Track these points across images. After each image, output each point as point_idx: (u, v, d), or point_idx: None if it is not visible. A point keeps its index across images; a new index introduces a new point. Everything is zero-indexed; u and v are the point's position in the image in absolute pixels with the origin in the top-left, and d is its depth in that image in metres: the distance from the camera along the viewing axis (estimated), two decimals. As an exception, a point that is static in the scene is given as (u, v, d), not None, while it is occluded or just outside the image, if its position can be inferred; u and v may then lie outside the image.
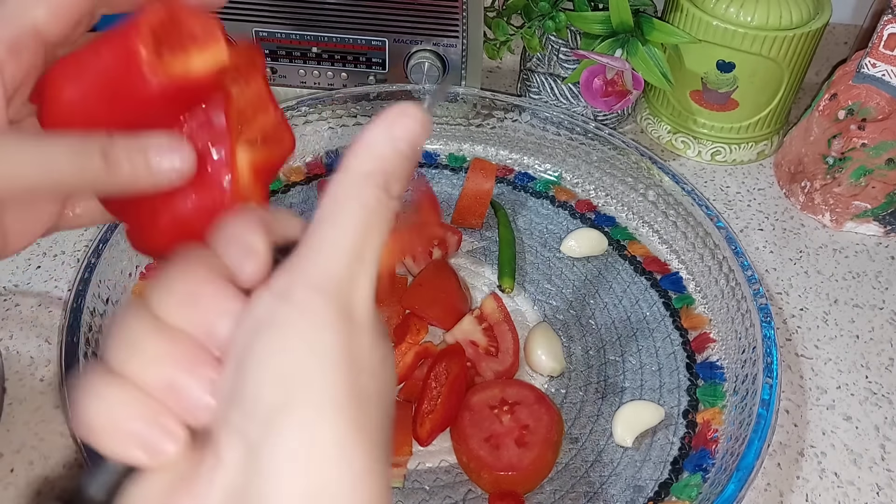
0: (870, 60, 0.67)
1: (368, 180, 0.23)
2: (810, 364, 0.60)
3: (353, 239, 0.22)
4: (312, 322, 0.21)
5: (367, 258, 0.22)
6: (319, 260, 0.22)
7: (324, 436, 0.20)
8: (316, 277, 0.21)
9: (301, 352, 0.20)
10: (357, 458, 0.20)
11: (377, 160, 0.23)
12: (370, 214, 0.22)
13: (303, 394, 0.20)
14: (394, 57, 0.72)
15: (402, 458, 0.49)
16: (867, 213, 0.70)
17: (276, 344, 0.21)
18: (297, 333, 0.21)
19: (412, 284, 0.60)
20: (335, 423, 0.20)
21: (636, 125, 0.83)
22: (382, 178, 0.23)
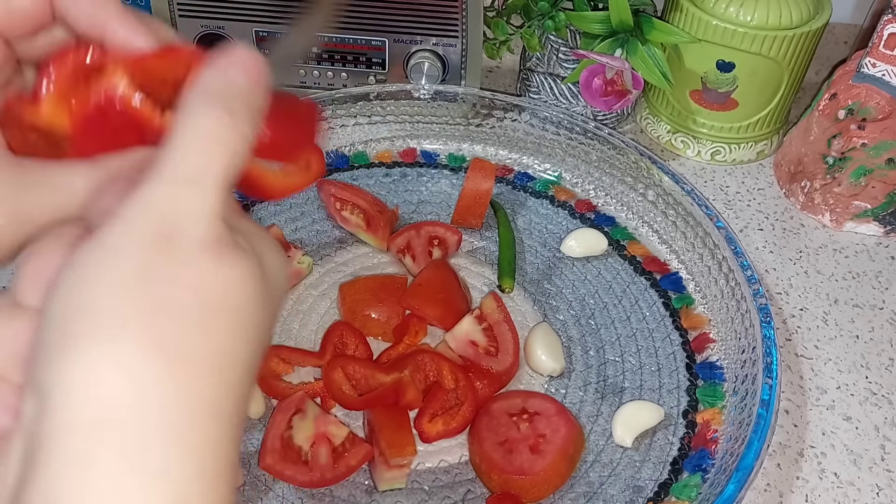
0: (870, 60, 0.67)
1: (199, 104, 0.22)
2: (810, 364, 0.60)
3: (179, 161, 0.21)
4: (107, 251, 0.20)
5: (204, 178, 0.21)
6: (134, 194, 0.21)
7: (105, 360, 0.19)
8: (123, 212, 0.21)
9: (87, 278, 0.20)
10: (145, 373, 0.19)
11: (210, 79, 0.23)
12: (203, 136, 0.22)
13: (84, 321, 0.19)
14: (394, 57, 0.72)
15: (406, 458, 0.48)
16: (867, 213, 0.70)
17: (60, 283, 0.20)
18: (86, 264, 0.20)
19: (412, 284, 0.60)
20: (119, 341, 0.19)
21: (636, 125, 0.83)
22: (217, 100, 0.22)
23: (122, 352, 0.19)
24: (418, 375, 0.53)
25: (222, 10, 0.70)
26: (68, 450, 0.18)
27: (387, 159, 0.74)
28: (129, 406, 0.19)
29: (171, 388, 0.19)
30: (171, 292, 0.20)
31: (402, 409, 0.52)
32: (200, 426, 0.20)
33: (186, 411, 0.20)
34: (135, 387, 0.19)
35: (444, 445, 0.52)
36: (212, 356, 0.20)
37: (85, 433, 0.18)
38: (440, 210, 0.70)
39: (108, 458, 0.18)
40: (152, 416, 0.19)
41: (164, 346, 0.19)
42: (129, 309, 0.19)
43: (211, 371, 0.20)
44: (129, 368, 0.19)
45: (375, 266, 0.65)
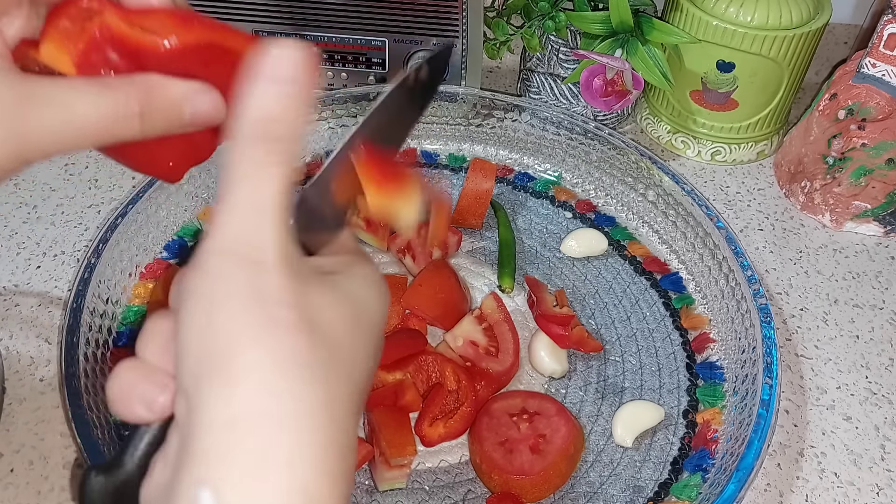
0: (870, 60, 0.67)
1: (247, 138, 0.24)
2: (810, 364, 0.60)
3: (244, 196, 0.24)
4: (214, 279, 0.23)
5: (266, 207, 0.24)
6: (218, 225, 0.24)
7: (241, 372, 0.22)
8: (216, 242, 0.24)
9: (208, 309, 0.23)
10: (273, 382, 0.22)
11: (250, 115, 0.24)
12: (257, 168, 0.24)
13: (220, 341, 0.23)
14: (394, 57, 0.72)
15: (406, 458, 0.48)
16: (867, 213, 0.70)
17: (190, 308, 0.23)
18: (204, 294, 0.23)
19: (412, 284, 0.60)
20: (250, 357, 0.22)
21: (636, 125, 0.83)
22: (260, 128, 0.24)
23: (250, 362, 0.22)
24: (420, 376, 0.53)
25: (222, 10, 0.70)
26: (211, 443, 0.22)
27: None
28: (261, 409, 0.22)
29: (289, 389, 0.22)
30: (278, 310, 0.23)
31: (403, 410, 0.52)
32: (321, 428, 0.23)
33: (304, 410, 0.22)
34: (261, 389, 0.22)
35: (445, 445, 0.52)
36: (317, 363, 0.23)
37: (225, 430, 0.22)
38: (440, 210, 0.70)
39: (243, 450, 0.21)
40: (276, 413, 0.22)
41: (282, 355, 0.22)
42: (252, 325, 0.23)
43: (320, 375, 0.23)
44: (255, 375, 0.22)
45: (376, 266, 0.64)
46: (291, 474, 0.22)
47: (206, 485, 0.21)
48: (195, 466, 0.22)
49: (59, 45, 0.27)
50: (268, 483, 0.21)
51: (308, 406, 0.23)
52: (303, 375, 0.23)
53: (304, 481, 0.22)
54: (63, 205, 0.69)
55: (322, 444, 0.23)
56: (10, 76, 0.25)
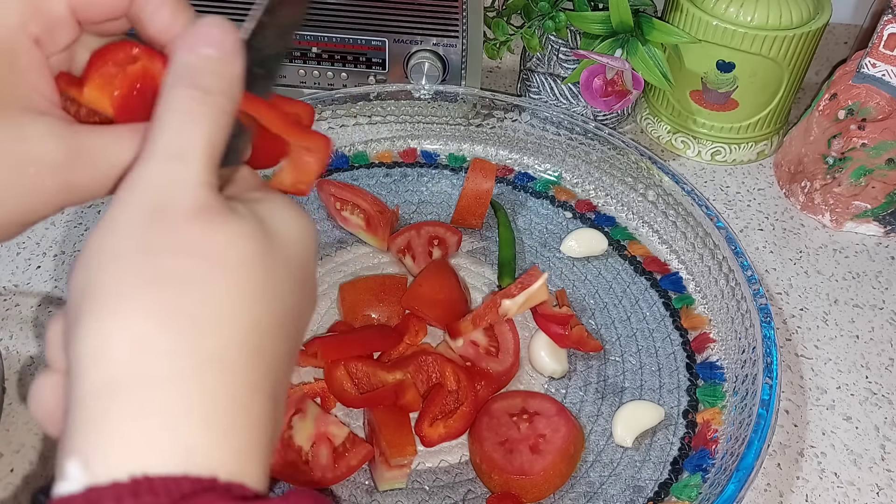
0: (870, 60, 0.67)
1: (174, 86, 0.24)
2: (810, 364, 0.60)
3: (162, 142, 0.23)
4: (106, 232, 0.22)
5: (186, 154, 0.23)
6: (129, 174, 0.23)
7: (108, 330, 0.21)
8: (121, 192, 0.23)
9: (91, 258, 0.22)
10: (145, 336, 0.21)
11: (176, 65, 0.25)
12: (179, 114, 0.24)
13: (89, 298, 0.22)
14: (394, 57, 0.72)
15: (406, 458, 0.48)
16: (867, 213, 0.70)
17: (77, 264, 0.23)
18: (91, 248, 0.22)
19: (412, 284, 0.60)
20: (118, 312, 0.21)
21: (636, 125, 0.83)
22: (185, 75, 0.24)
23: (122, 320, 0.21)
24: (421, 376, 0.53)
25: (222, 10, 0.70)
26: (86, 413, 0.20)
27: (387, 159, 0.74)
28: (131, 367, 0.21)
29: (170, 346, 0.21)
30: (165, 260, 0.22)
31: (403, 410, 0.52)
32: (204, 378, 0.21)
33: (188, 366, 0.21)
34: (135, 349, 0.21)
35: (445, 445, 0.52)
36: (210, 313, 0.22)
37: (97, 397, 0.20)
38: (440, 210, 0.70)
39: (118, 415, 0.20)
40: (154, 373, 0.21)
41: (161, 309, 0.21)
42: (127, 281, 0.21)
43: (211, 327, 0.22)
44: (129, 334, 0.21)
45: (376, 266, 0.65)
46: (169, 434, 0.20)
47: (75, 454, 0.20)
48: (66, 439, 0.21)
49: (101, 89, 0.27)
50: (140, 445, 0.20)
51: (193, 359, 0.21)
52: (184, 327, 0.21)
53: (186, 440, 0.20)
54: (63, 205, 0.69)
55: (210, 397, 0.21)
56: (61, 130, 0.26)
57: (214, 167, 0.24)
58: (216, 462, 0.21)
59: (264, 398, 0.23)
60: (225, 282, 0.22)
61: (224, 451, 0.21)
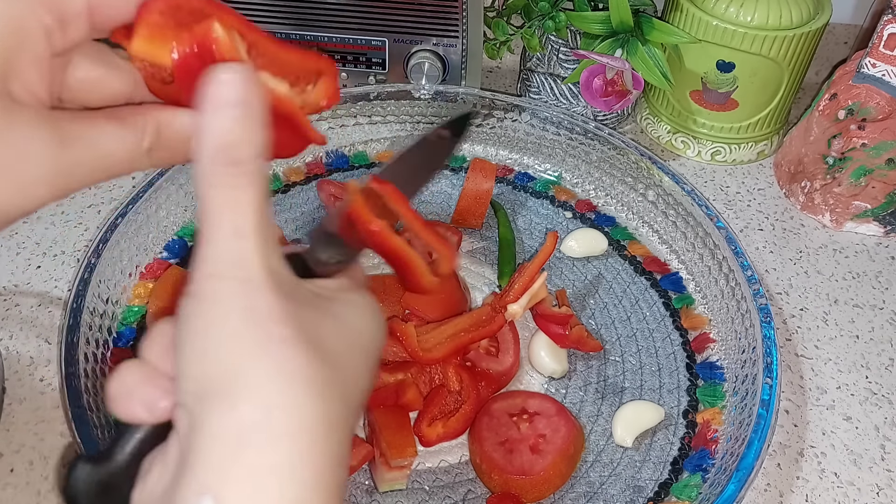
0: (870, 60, 0.67)
1: (209, 166, 0.25)
2: (810, 364, 0.60)
3: (223, 224, 0.25)
4: (208, 301, 0.24)
5: (245, 230, 0.25)
6: (205, 254, 0.25)
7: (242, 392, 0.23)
8: (206, 267, 0.25)
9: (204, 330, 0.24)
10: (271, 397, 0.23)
11: (208, 143, 0.25)
12: (227, 194, 0.25)
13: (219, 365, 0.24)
14: (394, 57, 0.72)
15: (406, 459, 0.48)
16: (867, 213, 0.70)
17: (187, 330, 0.24)
18: (199, 316, 0.24)
19: (412, 284, 0.60)
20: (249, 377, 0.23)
21: (636, 125, 0.83)
22: (220, 155, 0.25)
23: (255, 381, 0.23)
24: (423, 377, 0.53)
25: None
26: (214, 455, 0.23)
27: (387, 159, 0.74)
28: (261, 424, 0.23)
29: (295, 409, 0.23)
30: (274, 327, 0.24)
31: (403, 410, 0.52)
32: (318, 442, 0.24)
33: (307, 430, 0.23)
34: (266, 408, 0.23)
35: (445, 445, 0.52)
36: (322, 383, 0.24)
37: (228, 444, 0.23)
38: (440, 210, 0.70)
39: (244, 462, 0.23)
40: (280, 431, 0.23)
41: (286, 372, 0.24)
42: (252, 345, 0.24)
43: (324, 396, 0.24)
44: (260, 394, 0.23)
45: (376, 266, 0.65)
46: (289, 486, 0.23)
47: (208, 493, 0.22)
48: (198, 476, 0.23)
49: (155, 42, 0.27)
50: (265, 493, 0.22)
51: (307, 421, 0.24)
52: (302, 391, 0.24)
53: (300, 493, 0.23)
54: (63, 205, 0.69)
55: (318, 459, 0.24)
56: (49, 120, 0.26)
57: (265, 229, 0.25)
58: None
59: (345, 464, 0.26)
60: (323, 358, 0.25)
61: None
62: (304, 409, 0.24)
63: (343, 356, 0.26)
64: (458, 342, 0.54)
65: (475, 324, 0.54)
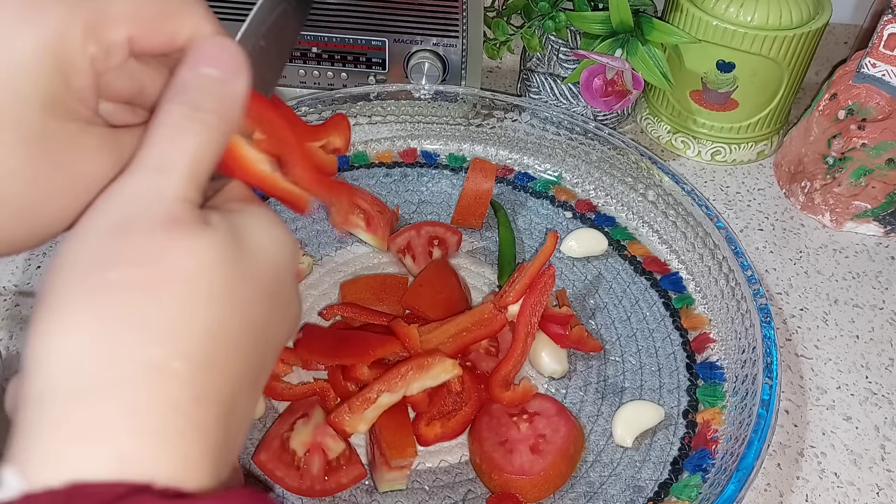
0: (870, 60, 0.67)
1: (167, 101, 0.25)
2: (810, 364, 0.60)
3: (150, 156, 0.24)
4: (73, 240, 0.23)
5: (169, 167, 0.23)
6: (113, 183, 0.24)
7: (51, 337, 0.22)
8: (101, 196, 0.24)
9: (53, 265, 0.23)
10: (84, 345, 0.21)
11: (175, 82, 0.25)
12: (172, 130, 0.24)
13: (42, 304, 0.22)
14: (394, 57, 0.72)
15: (406, 459, 0.48)
16: (867, 213, 0.70)
17: (53, 257, 0.23)
18: (59, 252, 0.23)
19: (412, 284, 0.60)
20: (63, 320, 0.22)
21: (636, 125, 0.83)
22: (182, 93, 0.25)
23: (63, 329, 0.22)
24: None
25: (222, 10, 0.70)
26: (25, 421, 0.21)
27: (387, 159, 0.74)
28: (68, 375, 0.21)
29: (108, 355, 0.21)
30: (116, 269, 0.22)
31: (403, 411, 0.52)
32: (141, 387, 0.21)
33: (125, 375, 0.21)
34: (73, 357, 0.21)
35: (445, 445, 0.52)
36: (155, 322, 0.22)
37: (36, 404, 0.21)
38: (440, 210, 0.70)
39: (54, 423, 0.21)
40: (91, 381, 0.21)
41: (103, 318, 0.21)
42: (75, 288, 0.22)
43: (154, 336, 0.22)
44: (67, 342, 0.21)
45: (376, 266, 0.65)
46: (105, 441, 0.21)
47: (12, 462, 0.21)
48: (16, 446, 0.21)
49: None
50: (75, 452, 0.20)
51: (131, 368, 0.21)
52: (128, 336, 0.21)
53: (121, 447, 0.21)
54: (63, 205, 0.69)
55: (149, 407, 0.21)
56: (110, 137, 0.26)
57: (198, 184, 0.24)
58: (153, 469, 0.21)
59: (213, 408, 0.23)
60: (176, 291, 0.22)
61: (162, 457, 0.21)
62: (128, 355, 0.21)
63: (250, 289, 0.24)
64: (461, 342, 0.54)
65: (477, 322, 0.54)
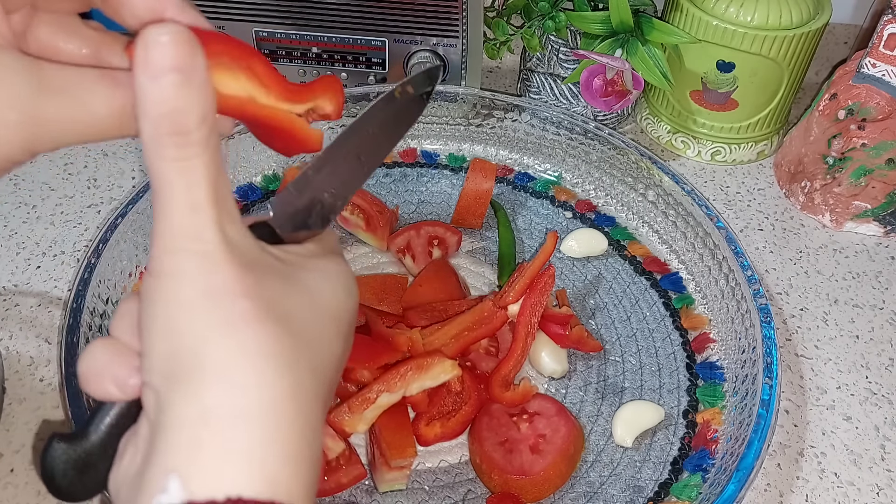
0: (870, 60, 0.67)
1: (154, 137, 0.24)
2: (810, 364, 0.60)
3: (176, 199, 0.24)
4: (168, 277, 0.24)
5: (198, 202, 0.24)
6: (161, 230, 0.24)
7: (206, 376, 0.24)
8: (164, 243, 0.24)
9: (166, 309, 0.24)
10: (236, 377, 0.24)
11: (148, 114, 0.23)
12: (176, 166, 0.24)
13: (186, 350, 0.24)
14: (394, 57, 0.72)
15: (406, 459, 0.48)
16: (867, 213, 0.70)
17: (149, 310, 0.25)
18: (160, 293, 0.24)
19: (412, 284, 0.60)
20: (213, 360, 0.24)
21: (636, 125, 0.83)
22: (165, 124, 0.23)
23: (221, 361, 0.23)
24: None
25: (222, 10, 0.70)
26: (181, 436, 0.23)
27: (387, 159, 0.74)
28: (227, 404, 0.23)
29: (261, 387, 0.23)
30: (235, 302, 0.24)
31: (403, 411, 0.52)
32: (286, 418, 0.24)
33: (274, 407, 0.23)
34: (231, 387, 0.23)
35: (445, 445, 0.52)
36: (288, 356, 0.24)
37: (195, 425, 0.23)
38: (440, 210, 0.70)
39: (211, 442, 0.23)
40: (245, 411, 0.23)
41: (251, 350, 0.24)
42: (215, 324, 0.24)
43: (292, 369, 0.24)
44: (226, 373, 0.23)
45: (375, 266, 0.65)
46: (257, 464, 0.23)
47: (175, 472, 0.22)
48: (165, 456, 0.23)
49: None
50: (233, 472, 0.22)
51: (273, 399, 0.23)
52: (268, 367, 0.24)
53: (269, 470, 0.23)
54: (62, 204, 0.69)
55: (287, 435, 0.24)
56: (25, 61, 0.24)
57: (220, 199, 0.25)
58: (294, 492, 0.23)
59: (318, 437, 0.26)
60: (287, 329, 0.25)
61: (298, 482, 0.24)
62: (270, 387, 0.23)
63: (310, 325, 0.26)
64: (463, 341, 0.54)
65: (478, 321, 0.54)
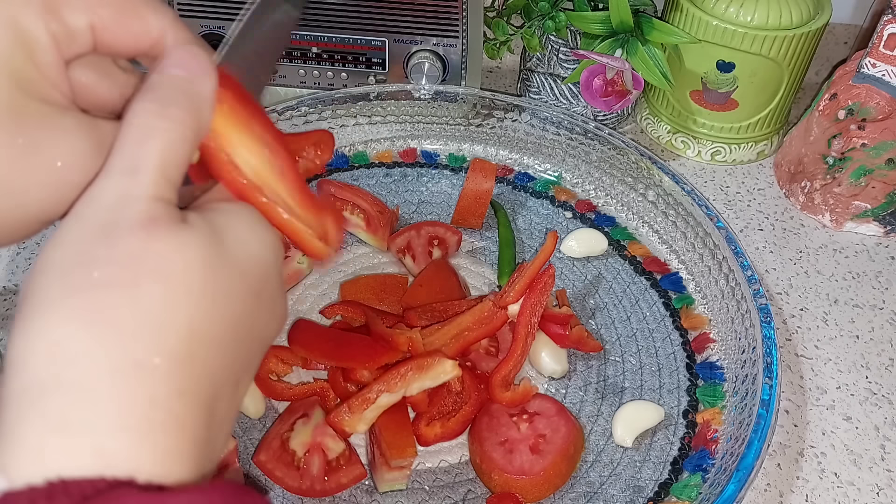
0: (870, 60, 0.67)
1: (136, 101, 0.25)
2: (810, 364, 0.60)
3: (121, 158, 0.24)
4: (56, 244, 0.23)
5: (139, 168, 0.24)
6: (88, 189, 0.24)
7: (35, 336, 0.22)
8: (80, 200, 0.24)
9: (36, 268, 0.23)
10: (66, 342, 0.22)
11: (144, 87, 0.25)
12: (139, 129, 0.24)
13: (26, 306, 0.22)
14: (394, 57, 0.72)
15: (406, 459, 0.48)
16: (867, 213, 0.70)
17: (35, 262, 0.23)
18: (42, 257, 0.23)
19: (412, 285, 0.60)
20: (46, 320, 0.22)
21: (636, 125, 0.83)
22: (150, 93, 0.25)
23: (44, 326, 0.22)
24: None
25: (222, 10, 0.70)
26: (8, 415, 0.21)
27: (387, 159, 0.74)
28: (48, 371, 0.21)
29: (88, 352, 0.21)
30: (98, 269, 0.22)
31: (403, 411, 0.52)
32: (121, 383, 0.21)
33: (105, 371, 0.21)
34: (53, 354, 0.21)
35: (445, 445, 0.52)
36: (136, 319, 0.22)
37: (16, 402, 0.21)
38: (440, 210, 0.70)
39: (34, 420, 0.21)
40: (71, 378, 0.21)
41: (84, 315, 0.22)
42: (57, 289, 0.22)
43: (135, 332, 0.22)
44: (47, 339, 0.21)
45: (375, 266, 0.65)
46: (86, 440, 0.21)
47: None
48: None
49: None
50: (58, 452, 0.20)
51: (111, 364, 0.21)
52: (107, 331, 0.22)
53: (104, 446, 0.21)
54: (63, 205, 0.69)
55: (130, 403, 0.21)
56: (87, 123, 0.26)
57: (170, 182, 0.24)
58: (133, 463, 0.21)
59: (194, 403, 0.23)
60: (155, 288, 0.22)
61: (142, 452, 0.21)
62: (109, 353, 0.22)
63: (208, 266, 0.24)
64: (463, 341, 0.54)
65: (478, 321, 0.54)
